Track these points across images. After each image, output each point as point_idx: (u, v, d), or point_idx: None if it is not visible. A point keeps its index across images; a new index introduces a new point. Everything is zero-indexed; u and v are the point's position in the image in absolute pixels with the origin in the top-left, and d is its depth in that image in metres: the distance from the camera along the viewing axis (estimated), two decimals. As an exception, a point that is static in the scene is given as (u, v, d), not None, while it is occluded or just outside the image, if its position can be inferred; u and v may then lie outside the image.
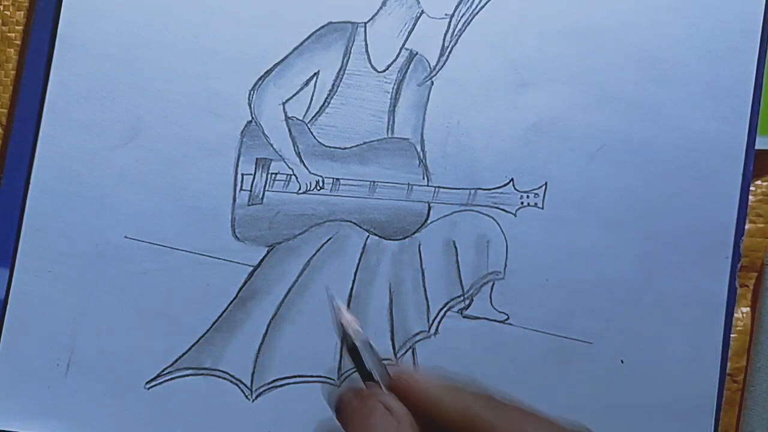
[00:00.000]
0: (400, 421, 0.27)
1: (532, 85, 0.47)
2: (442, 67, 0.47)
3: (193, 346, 0.46)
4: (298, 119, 0.47)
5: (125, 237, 0.46)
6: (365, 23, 0.47)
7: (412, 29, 0.47)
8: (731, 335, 0.47)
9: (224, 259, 0.46)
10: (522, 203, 0.47)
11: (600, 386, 0.46)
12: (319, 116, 0.47)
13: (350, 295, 0.46)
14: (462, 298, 0.47)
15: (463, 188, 0.47)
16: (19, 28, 0.48)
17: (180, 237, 0.46)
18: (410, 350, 0.47)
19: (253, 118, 0.46)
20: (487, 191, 0.47)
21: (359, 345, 0.30)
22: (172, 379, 0.46)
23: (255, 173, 0.46)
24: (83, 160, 0.46)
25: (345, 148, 0.47)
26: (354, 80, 0.47)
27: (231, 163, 0.46)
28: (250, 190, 0.46)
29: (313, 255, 0.46)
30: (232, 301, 0.46)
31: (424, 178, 0.47)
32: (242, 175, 0.46)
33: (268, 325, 0.46)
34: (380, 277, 0.47)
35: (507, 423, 0.27)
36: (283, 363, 0.46)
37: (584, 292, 0.47)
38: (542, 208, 0.47)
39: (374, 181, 0.47)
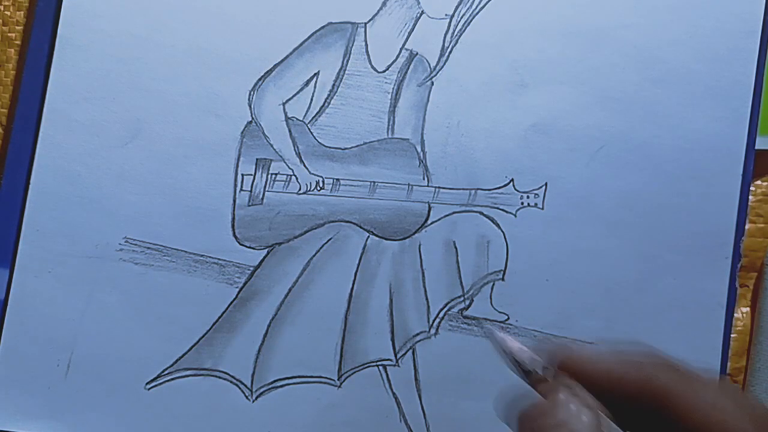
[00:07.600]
0: (591, 407, 0.25)
1: (532, 85, 0.47)
2: (442, 67, 0.47)
3: (193, 346, 0.46)
4: (298, 119, 0.47)
5: (125, 237, 0.46)
6: (365, 23, 0.47)
7: (412, 29, 0.47)
8: (731, 335, 0.47)
9: (224, 260, 0.46)
10: (522, 203, 0.47)
11: (600, 386, 0.46)
12: (319, 117, 0.47)
13: (350, 295, 0.46)
14: (462, 298, 0.47)
15: (463, 188, 0.47)
16: (19, 28, 0.48)
17: (180, 237, 0.46)
18: (410, 350, 0.47)
19: (253, 118, 0.46)
20: (487, 191, 0.47)
21: (519, 356, 0.28)
22: (172, 379, 0.46)
23: (255, 174, 0.46)
24: (83, 160, 0.46)
25: (345, 149, 0.47)
26: (354, 80, 0.47)
27: (231, 164, 0.46)
28: (250, 191, 0.46)
29: (314, 255, 0.46)
30: (232, 302, 0.46)
31: (424, 179, 0.47)
32: (242, 175, 0.46)
33: (269, 326, 0.46)
34: (380, 277, 0.47)
35: (697, 394, 0.24)
36: (283, 363, 0.46)
37: (584, 292, 0.47)
38: (542, 209, 0.47)
39: (374, 182, 0.47)
